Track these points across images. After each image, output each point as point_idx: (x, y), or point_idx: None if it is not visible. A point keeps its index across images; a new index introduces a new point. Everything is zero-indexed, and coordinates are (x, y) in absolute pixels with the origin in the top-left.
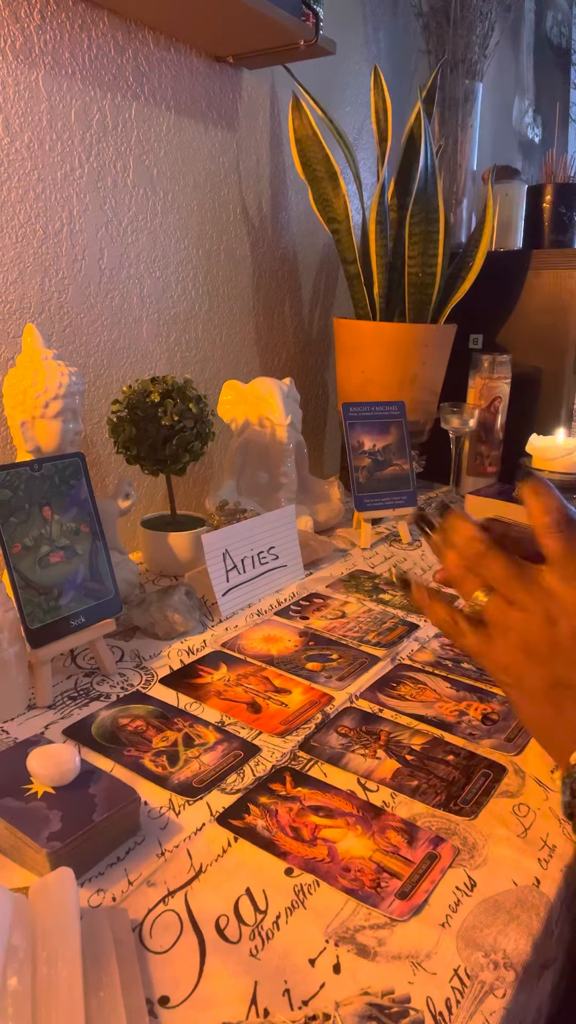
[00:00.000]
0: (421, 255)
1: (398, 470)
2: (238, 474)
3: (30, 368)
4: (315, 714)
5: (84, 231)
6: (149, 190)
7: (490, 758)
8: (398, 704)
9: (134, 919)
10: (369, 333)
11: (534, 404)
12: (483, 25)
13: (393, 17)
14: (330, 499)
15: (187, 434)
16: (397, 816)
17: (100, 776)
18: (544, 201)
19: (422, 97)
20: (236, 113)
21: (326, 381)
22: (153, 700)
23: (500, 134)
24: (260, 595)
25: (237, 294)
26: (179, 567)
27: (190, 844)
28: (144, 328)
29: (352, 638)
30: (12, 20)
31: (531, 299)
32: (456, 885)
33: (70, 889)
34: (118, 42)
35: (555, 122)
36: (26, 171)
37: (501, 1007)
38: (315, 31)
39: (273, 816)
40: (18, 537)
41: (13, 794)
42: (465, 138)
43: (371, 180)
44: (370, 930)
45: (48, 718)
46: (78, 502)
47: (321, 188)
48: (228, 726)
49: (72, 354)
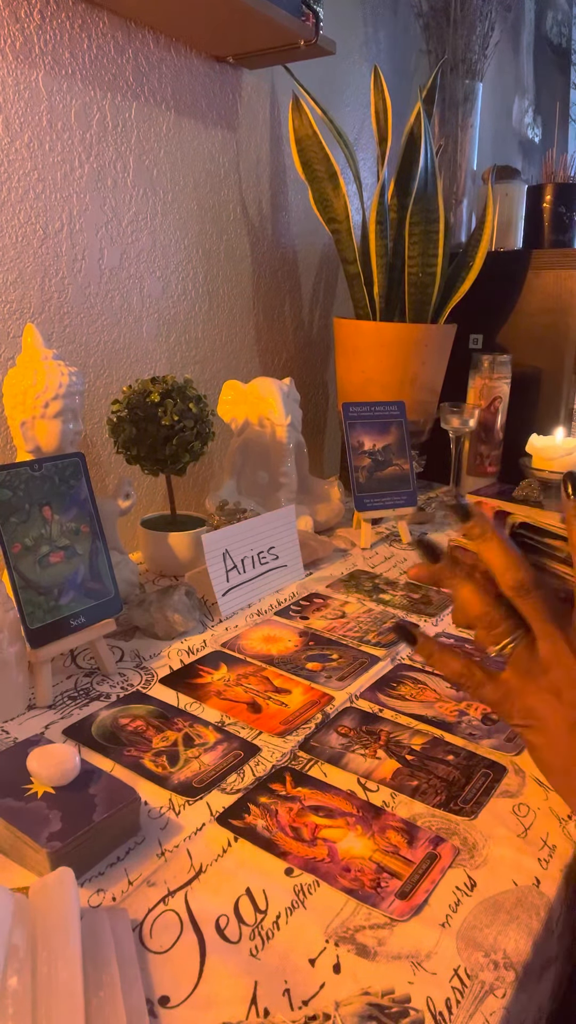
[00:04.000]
0: (421, 255)
1: (398, 470)
2: (238, 474)
3: (30, 368)
4: (315, 714)
5: (84, 231)
6: (149, 190)
7: (490, 758)
8: (398, 704)
9: (134, 919)
10: (369, 333)
11: (534, 404)
12: (483, 25)
13: (393, 17)
14: (330, 499)
15: (187, 434)
16: (397, 816)
17: (100, 776)
18: (544, 201)
19: (422, 97)
20: (236, 113)
21: (326, 381)
22: (153, 700)
23: (500, 134)
24: (260, 595)
25: (237, 294)
26: (179, 567)
27: (190, 844)
28: (144, 328)
29: (352, 638)
30: (12, 20)
31: (531, 299)
32: (456, 885)
33: (70, 889)
34: (118, 42)
35: (555, 122)
36: (26, 171)
37: (501, 1007)
38: (315, 31)
39: (273, 816)
40: (18, 537)
41: (13, 794)
42: (465, 138)
43: (371, 180)
44: (370, 930)
45: (48, 718)
46: (78, 502)
47: (321, 188)
48: (228, 726)
49: (72, 354)
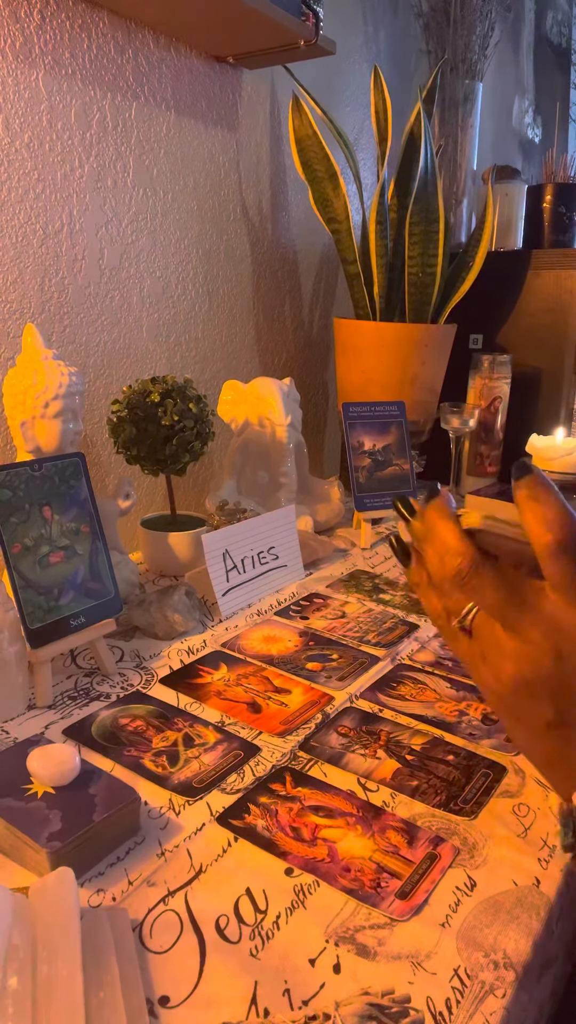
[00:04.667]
0: (421, 255)
1: (398, 470)
2: (238, 474)
3: (30, 368)
4: (315, 714)
5: (84, 231)
6: (149, 190)
7: (490, 758)
8: (398, 704)
9: (134, 919)
10: (369, 333)
11: (534, 404)
12: (483, 25)
13: (393, 17)
14: (330, 499)
15: (187, 434)
16: (397, 816)
17: (100, 776)
18: (544, 201)
19: (422, 97)
20: (236, 113)
21: (326, 381)
22: (153, 700)
23: (500, 134)
24: (260, 595)
25: (237, 294)
26: (179, 567)
27: (190, 844)
28: (144, 328)
29: (352, 638)
30: (12, 20)
31: (531, 299)
32: (456, 885)
33: (70, 889)
34: (118, 42)
35: (555, 122)
36: (26, 171)
37: (501, 1007)
38: (315, 31)
39: (273, 816)
40: (18, 537)
41: (13, 794)
42: (465, 138)
43: (371, 180)
44: (370, 930)
45: (48, 718)
46: (78, 502)
47: (321, 188)
48: (228, 726)
49: (72, 354)
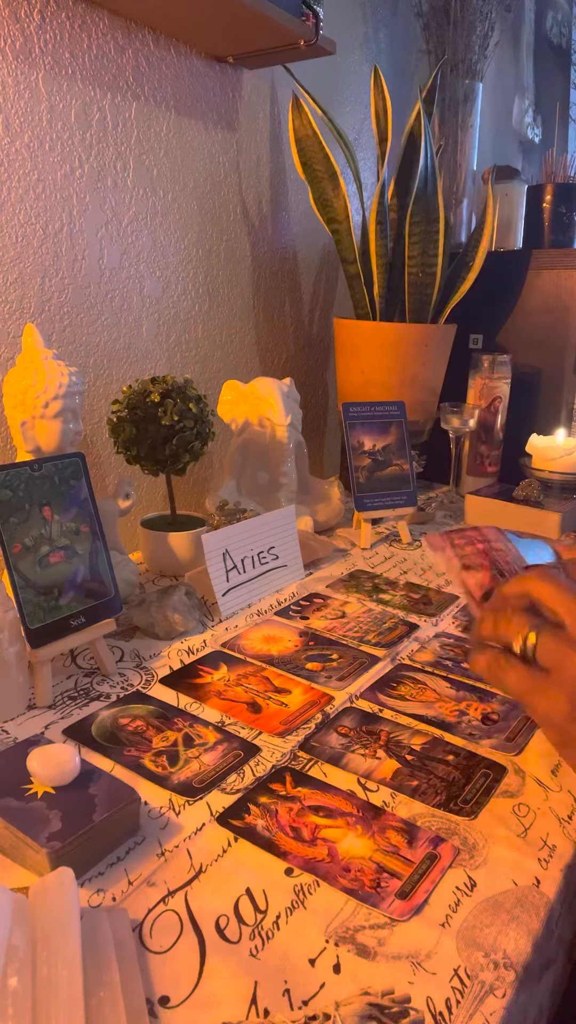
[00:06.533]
0: (421, 255)
1: (398, 470)
2: (238, 474)
3: (30, 368)
4: (315, 714)
5: (84, 231)
6: (149, 190)
7: (490, 758)
8: (398, 704)
9: (134, 919)
10: (369, 333)
11: (534, 404)
12: (483, 25)
13: (393, 17)
14: (330, 499)
15: (187, 434)
16: (397, 816)
17: (100, 776)
18: (544, 201)
19: (422, 97)
20: (236, 113)
21: (326, 381)
22: (153, 700)
23: (500, 134)
24: (260, 595)
25: (237, 294)
26: (179, 567)
27: (190, 844)
28: (144, 328)
29: (352, 638)
30: (12, 20)
31: (531, 299)
32: (456, 885)
33: (70, 889)
34: (118, 42)
35: (555, 122)
36: (26, 171)
37: (501, 1007)
38: (315, 31)
39: (273, 816)
40: (18, 537)
41: (13, 794)
42: (465, 138)
43: (371, 180)
44: (370, 930)
45: (48, 718)
46: (78, 502)
47: (321, 188)
48: (228, 726)
49: (72, 354)
